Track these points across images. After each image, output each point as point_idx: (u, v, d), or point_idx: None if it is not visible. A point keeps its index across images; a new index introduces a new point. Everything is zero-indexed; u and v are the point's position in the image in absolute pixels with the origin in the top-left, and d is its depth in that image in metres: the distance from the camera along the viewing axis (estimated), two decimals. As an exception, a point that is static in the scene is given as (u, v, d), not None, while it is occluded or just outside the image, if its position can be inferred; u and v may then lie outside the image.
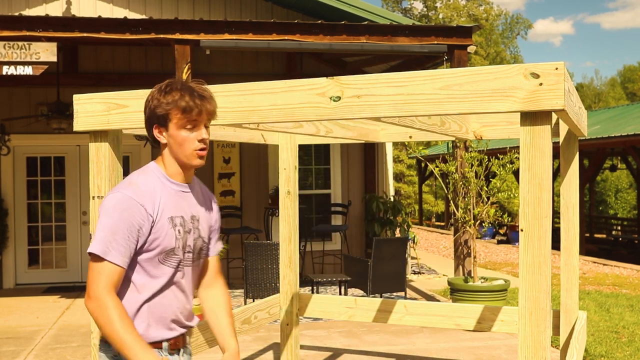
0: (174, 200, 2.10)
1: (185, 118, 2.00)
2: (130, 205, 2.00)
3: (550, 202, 1.63)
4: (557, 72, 1.62)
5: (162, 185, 2.09)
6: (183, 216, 2.11)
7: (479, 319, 3.64)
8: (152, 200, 2.04)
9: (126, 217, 1.99)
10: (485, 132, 3.53)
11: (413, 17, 41.20)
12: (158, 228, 2.04)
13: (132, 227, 2.00)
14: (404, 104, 1.81)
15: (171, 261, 2.10)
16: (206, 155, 2.09)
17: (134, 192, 2.03)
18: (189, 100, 2.00)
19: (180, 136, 2.03)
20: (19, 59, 7.23)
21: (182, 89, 2.02)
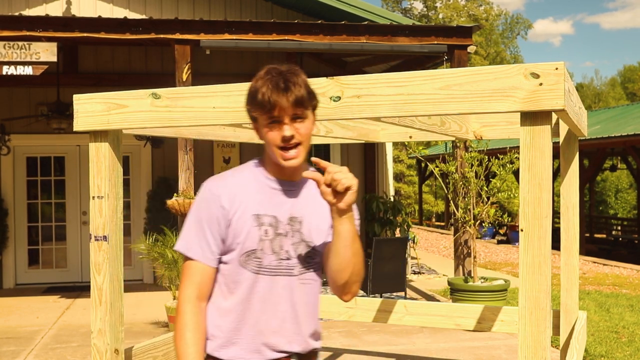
0: (266, 197, 1.86)
1: (263, 114, 1.78)
2: (207, 196, 1.86)
3: (550, 202, 1.63)
4: (557, 72, 1.62)
5: (255, 181, 1.88)
6: (276, 216, 1.85)
7: (479, 319, 3.64)
8: (232, 193, 1.84)
9: (204, 208, 1.85)
10: (485, 132, 3.53)
11: (413, 17, 41.20)
12: (237, 225, 1.83)
13: (211, 220, 1.83)
14: (404, 104, 1.81)
15: (252, 265, 1.84)
16: (300, 153, 1.81)
17: (215, 183, 1.88)
18: (265, 93, 1.76)
19: (265, 133, 1.81)
20: (19, 59, 7.23)
21: (265, 77, 1.78)
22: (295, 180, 1.89)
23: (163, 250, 6.64)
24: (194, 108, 2.09)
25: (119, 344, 2.24)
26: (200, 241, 1.84)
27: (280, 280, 1.85)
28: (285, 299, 1.86)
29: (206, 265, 1.84)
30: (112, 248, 2.23)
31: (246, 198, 1.84)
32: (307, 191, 1.92)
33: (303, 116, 1.79)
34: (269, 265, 1.84)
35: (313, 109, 1.84)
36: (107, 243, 2.22)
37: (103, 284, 2.22)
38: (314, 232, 1.89)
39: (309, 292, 1.92)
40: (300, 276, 1.88)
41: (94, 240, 2.23)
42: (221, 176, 1.91)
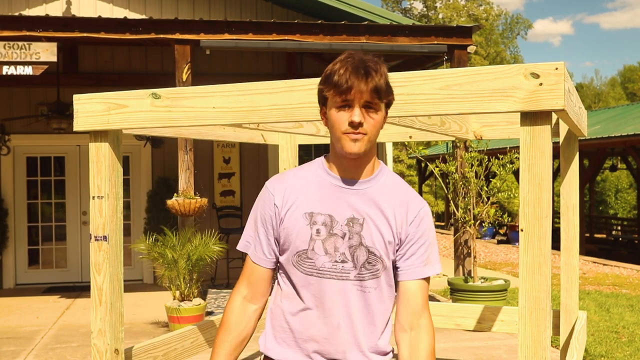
0: (324, 195, 1.77)
1: (336, 95, 1.68)
2: (264, 195, 1.83)
3: (550, 202, 1.63)
4: (557, 72, 1.62)
5: (315, 177, 1.80)
6: (332, 215, 1.74)
7: (479, 319, 3.64)
8: (288, 190, 1.78)
9: (260, 207, 1.83)
10: (485, 132, 3.53)
11: (413, 17, 41.20)
12: (289, 223, 1.76)
13: (265, 219, 1.80)
14: (404, 104, 1.81)
15: (305, 266, 1.76)
16: (364, 142, 1.71)
17: (273, 182, 1.83)
18: (343, 74, 1.67)
19: (332, 116, 1.71)
20: (19, 59, 7.23)
21: (345, 60, 1.70)
22: (360, 179, 1.78)
23: (163, 250, 6.64)
24: (194, 108, 2.09)
25: (119, 344, 2.24)
26: (254, 241, 1.83)
27: (334, 284, 1.75)
28: (339, 304, 1.75)
29: (259, 266, 1.82)
30: (112, 248, 2.23)
31: (302, 195, 1.77)
32: (374, 193, 1.79)
33: (376, 108, 1.70)
34: (322, 267, 1.74)
35: (387, 105, 1.75)
36: (107, 243, 2.22)
37: (103, 284, 2.22)
38: (375, 238, 1.76)
39: (370, 301, 1.78)
40: (357, 282, 1.76)
41: (94, 240, 2.23)
42: (282, 174, 1.88)
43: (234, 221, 9.95)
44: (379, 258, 1.76)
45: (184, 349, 2.82)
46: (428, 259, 1.81)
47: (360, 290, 1.76)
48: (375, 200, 1.78)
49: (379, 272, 1.77)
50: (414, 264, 1.80)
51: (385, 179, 1.82)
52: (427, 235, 1.82)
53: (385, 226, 1.77)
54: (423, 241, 1.81)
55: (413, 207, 1.82)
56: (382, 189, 1.80)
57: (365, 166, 1.78)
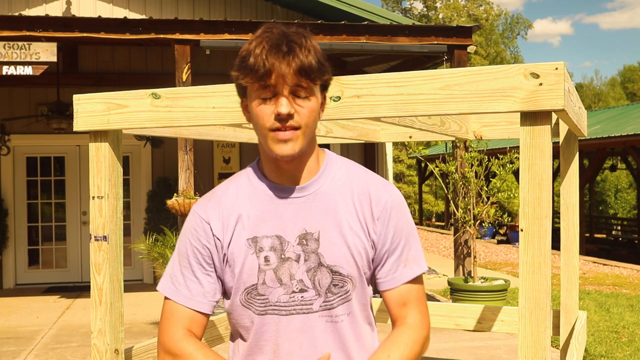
0: (264, 211, 1.42)
1: (255, 82, 1.34)
2: (195, 224, 1.46)
3: (550, 202, 1.63)
4: (557, 72, 1.62)
5: (250, 189, 1.45)
6: (280, 235, 1.40)
7: (479, 319, 3.64)
8: (224, 213, 1.43)
9: (193, 239, 1.45)
10: (485, 132, 3.53)
11: (413, 17, 41.20)
12: (233, 255, 1.42)
13: (202, 255, 1.44)
14: (404, 104, 1.81)
15: (257, 305, 1.41)
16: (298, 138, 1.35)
17: (202, 204, 1.47)
18: (260, 54, 1.32)
19: (254, 110, 1.38)
20: (19, 59, 7.23)
21: (262, 36, 1.35)
22: (303, 183, 1.43)
23: (163, 250, 6.64)
24: (194, 108, 2.09)
25: (119, 344, 2.24)
26: (187, 281, 1.45)
27: (294, 321, 1.40)
28: (304, 345, 1.40)
29: (196, 313, 1.44)
30: (112, 248, 2.23)
31: (244, 217, 1.42)
32: (324, 195, 1.44)
33: (308, 93, 1.35)
34: (277, 302, 1.40)
35: (323, 87, 1.42)
36: (107, 243, 2.22)
37: (103, 284, 2.22)
38: (338, 252, 1.41)
39: (342, 332, 1.43)
40: (324, 312, 1.41)
41: (94, 241, 2.23)
42: (212, 193, 1.49)
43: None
44: (347, 277, 1.41)
45: (184, 349, 2.82)
46: (407, 257, 1.47)
47: (330, 321, 1.42)
48: (329, 204, 1.43)
49: (349, 294, 1.43)
50: (392, 269, 1.46)
51: (335, 173, 1.46)
52: (401, 229, 1.46)
53: (350, 234, 1.42)
54: (398, 239, 1.46)
55: (376, 198, 1.45)
56: (334, 187, 1.45)
57: (307, 165, 1.43)
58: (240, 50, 1.39)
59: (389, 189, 1.49)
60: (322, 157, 1.49)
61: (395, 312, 1.49)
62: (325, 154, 1.50)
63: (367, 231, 1.44)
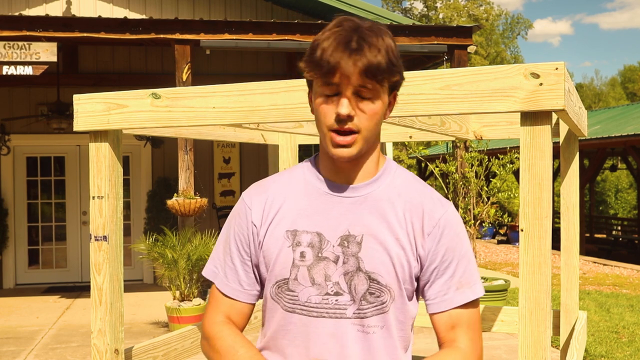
0: (311, 206, 1.36)
1: (319, 78, 1.28)
2: (239, 208, 1.43)
3: (550, 202, 1.63)
4: (557, 72, 1.62)
5: (303, 183, 1.39)
6: (321, 232, 1.33)
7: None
8: (268, 202, 1.38)
9: (235, 224, 1.42)
10: (485, 132, 3.53)
11: (413, 17, 41.21)
12: (268, 245, 1.36)
13: (242, 240, 1.40)
14: (404, 104, 1.81)
15: (285, 300, 1.34)
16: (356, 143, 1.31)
17: (251, 191, 1.45)
18: (327, 48, 1.25)
19: (317, 106, 1.32)
20: (19, 59, 7.23)
21: (334, 29, 1.28)
22: (357, 183, 1.37)
23: (163, 250, 6.64)
24: (194, 108, 2.08)
25: (119, 344, 2.24)
26: (226, 268, 1.41)
27: (325, 324, 1.31)
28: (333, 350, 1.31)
29: (234, 300, 1.40)
30: (112, 248, 2.23)
31: (285, 208, 1.36)
32: (376, 199, 1.37)
33: (373, 95, 1.29)
34: (308, 302, 1.32)
35: (392, 89, 1.36)
36: (107, 243, 2.22)
37: (103, 284, 2.22)
38: (379, 260, 1.33)
39: (374, 344, 1.34)
40: (356, 320, 1.32)
41: (94, 241, 2.23)
42: (263, 181, 1.47)
43: (234, 221, 9.95)
44: (385, 287, 1.33)
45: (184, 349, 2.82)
46: (460, 280, 1.38)
47: (362, 331, 1.33)
48: (379, 209, 1.36)
49: (386, 305, 1.34)
50: (442, 290, 1.38)
51: (392, 180, 1.42)
52: (454, 249, 1.38)
53: (395, 243, 1.34)
54: (450, 258, 1.37)
55: (430, 212, 1.38)
56: (388, 194, 1.39)
57: (364, 166, 1.38)
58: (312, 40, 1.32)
59: (445, 205, 1.42)
60: (382, 162, 1.44)
61: (443, 336, 1.41)
62: (385, 160, 1.46)
63: (415, 245, 1.36)
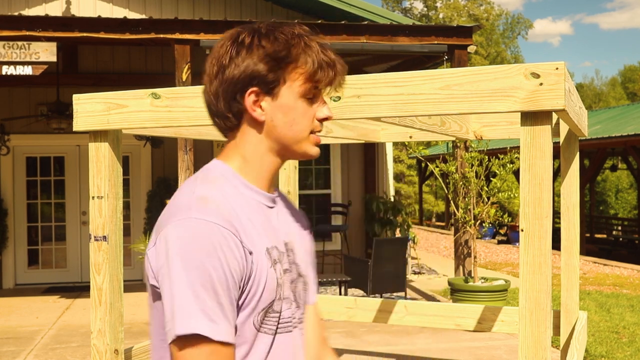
0: (262, 221, 1.27)
1: (312, 82, 1.24)
2: (222, 240, 1.14)
3: (550, 202, 1.63)
4: (557, 72, 1.62)
5: (242, 199, 1.25)
6: (277, 246, 1.27)
7: (479, 319, 3.64)
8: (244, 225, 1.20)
9: (222, 260, 1.13)
10: (485, 132, 3.53)
11: (413, 17, 41.21)
12: (258, 271, 1.20)
13: (233, 277, 1.15)
14: (404, 104, 1.81)
15: (270, 324, 1.24)
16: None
17: (221, 214, 1.17)
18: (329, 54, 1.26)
19: (300, 108, 1.26)
20: (19, 59, 7.23)
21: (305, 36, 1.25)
22: (273, 193, 1.34)
23: (163, 250, 6.63)
24: (194, 108, 2.08)
25: (119, 344, 2.24)
26: (226, 312, 1.14)
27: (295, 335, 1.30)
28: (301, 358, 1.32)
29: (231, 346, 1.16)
30: (112, 248, 2.23)
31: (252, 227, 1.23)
32: (281, 204, 1.39)
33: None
34: (291, 317, 1.28)
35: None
36: (106, 243, 2.22)
37: (103, 284, 2.22)
38: (305, 262, 1.37)
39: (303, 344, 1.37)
40: (301, 324, 1.34)
41: (94, 241, 2.23)
42: (210, 202, 1.18)
43: (234, 221, 9.95)
44: (310, 288, 1.40)
45: (183, 349, 2.82)
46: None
47: (303, 334, 1.35)
48: (287, 213, 1.39)
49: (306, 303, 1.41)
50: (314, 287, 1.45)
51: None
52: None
53: (306, 243, 1.41)
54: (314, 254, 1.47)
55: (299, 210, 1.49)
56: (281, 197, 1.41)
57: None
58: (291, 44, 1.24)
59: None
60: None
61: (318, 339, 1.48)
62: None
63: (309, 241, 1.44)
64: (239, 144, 1.28)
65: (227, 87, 1.23)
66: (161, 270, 1.15)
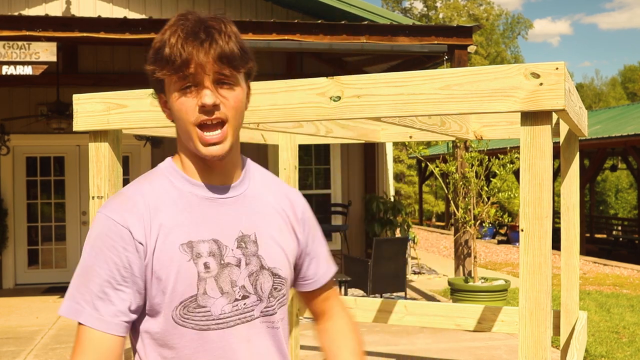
0: (197, 215, 1.26)
1: (173, 74, 1.24)
2: (109, 230, 1.22)
3: (550, 202, 1.63)
4: (557, 72, 1.61)
5: (176, 193, 1.28)
6: (217, 239, 1.26)
7: (479, 319, 3.64)
8: (145, 219, 1.23)
9: (105, 249, 1.22)
10: (485, 132, 3.53)
11: (413, 16, 41.20)
12: (160, 265, 1.21)
13: (118, 265, 1.21)
14: (404, 104, 1.81)
15: (197, 319, 1.23)
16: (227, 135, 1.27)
17: (116, 209, 1.24)
18: (176, 44, 1.22)
19: (175, 104, 1.26)
20: (19, 59, 7.22)
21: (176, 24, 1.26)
22: (232, 183, 1.33)
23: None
24: (193, 108, 2.08)
25: (119, 345, 2.23)
26: (95, 299, 1.20)
27: (240, 331, 1.27)
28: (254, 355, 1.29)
29: (106, 334, 1.20)
30: (111, 248, 2.22)
31: (167, 220, 1.24)
32: (252, 196, 1.36)
33: (232, 82, 1.26)
34: (222, 314, 1.25)
35: (247, 76, 1.34)
36: (106, 243, 2.21)
37: (103, 284, 2.21)
38: (276, 254, 1.34)
39: (280, 338, 1.35)
40: (265, 318, 1.32)
41: (94, 241, 2.22)
42: (125, 194, 1.27)
43: (234, 221, 9.95)
44: (285, 280, 1.36)
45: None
46: (327, 256, 1.51)
47: (271, 327, 1.33)
48: (258, 205, 1.36)
49: (286, 297, 1.38)
50: (320, 268, 1.48)
51: (254, 174, 1.41)
52: (316, 228, 1.49)
53: (281, 235, 1.37)
54: (317, 238, 1.47)
55: (294, 200, 1.44)
56: (258, 188, 1.39)
57: (234, 162, 1.34)
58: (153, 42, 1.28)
59: (298, 192, 1.52)
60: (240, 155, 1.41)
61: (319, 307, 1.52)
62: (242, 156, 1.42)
63: (294, 232, 1.41)
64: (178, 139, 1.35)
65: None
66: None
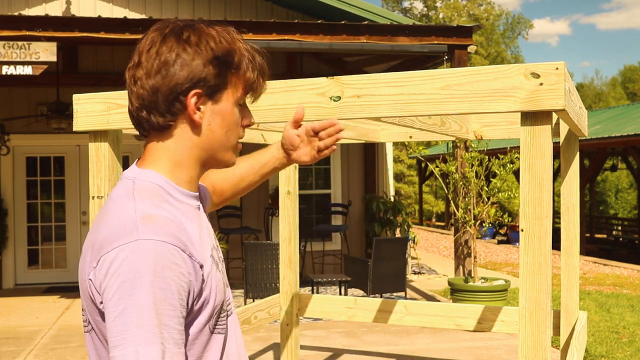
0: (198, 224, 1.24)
1: (249, 90, 1.28)
2: (174, 265, 1.09)
3: (550, 202, 1.63)
4: (557, 72, 1.61)
5: (177, 204, 1.21)
6: (214, 245, 1.28)
7: (479, 319, 3.64)
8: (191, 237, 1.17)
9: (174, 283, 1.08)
10: (485, 132, 3.53)
11: (413, 16, 41.21)
12: (209, 279, 1.18)
13: (182, 298, 1.09)
14: (404, 104, 1.81)
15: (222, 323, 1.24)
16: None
17: (167, 233, 1.11)
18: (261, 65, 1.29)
19: (235, 114, 1.25)
20: (19, 59, 7.22)
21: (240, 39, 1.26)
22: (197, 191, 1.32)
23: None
24: (193, 108, 2.08)
25: (119, 345, 2.24)
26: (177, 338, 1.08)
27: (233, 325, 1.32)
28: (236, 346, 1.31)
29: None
30: (111, 248, 2.22)
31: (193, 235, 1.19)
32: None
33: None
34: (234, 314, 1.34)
35: None
36: (106, 243, 2.21)
37: (102, 284, 2.21)
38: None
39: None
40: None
41: (94, 241, 2.22)
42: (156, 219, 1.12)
43: (234, 221, 9.95)
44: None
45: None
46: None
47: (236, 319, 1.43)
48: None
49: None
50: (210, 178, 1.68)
51: None
52: None
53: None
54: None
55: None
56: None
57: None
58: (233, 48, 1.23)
59: None
60: None
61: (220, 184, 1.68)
62: None
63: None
64: (169, 147, 1.22)
65: (172, 86, 1.18)
66: (107, 294, 1.07)
